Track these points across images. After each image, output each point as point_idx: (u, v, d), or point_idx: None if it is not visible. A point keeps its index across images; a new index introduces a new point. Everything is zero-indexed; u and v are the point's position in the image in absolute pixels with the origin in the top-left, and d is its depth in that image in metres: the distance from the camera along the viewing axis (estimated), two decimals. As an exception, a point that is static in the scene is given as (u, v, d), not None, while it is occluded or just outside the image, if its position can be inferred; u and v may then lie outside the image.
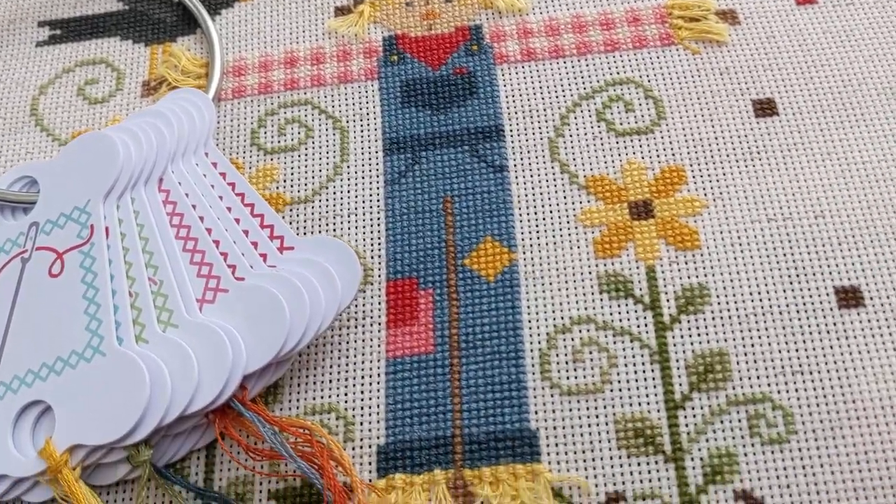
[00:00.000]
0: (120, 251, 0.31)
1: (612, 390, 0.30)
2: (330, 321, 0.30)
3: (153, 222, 0.32)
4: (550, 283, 0.32)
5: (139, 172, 0.33)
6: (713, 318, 0.30)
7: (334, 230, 0.33)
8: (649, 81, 0.35)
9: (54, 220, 0.33)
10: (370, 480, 0.29)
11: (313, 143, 0.35)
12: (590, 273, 0.32)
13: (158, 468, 0.29)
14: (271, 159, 0.35)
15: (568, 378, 0.30)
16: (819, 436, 0.28)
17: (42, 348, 0.31)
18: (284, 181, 0.35)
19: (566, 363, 0.30)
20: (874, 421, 0.28)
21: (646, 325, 0.31)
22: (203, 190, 0.33)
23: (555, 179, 0.33)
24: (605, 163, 0.34)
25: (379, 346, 0.31)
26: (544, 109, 0.35)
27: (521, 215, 0.33)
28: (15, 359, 0.31)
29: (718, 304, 0.31)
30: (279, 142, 0.36)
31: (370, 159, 0.35)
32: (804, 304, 0.30)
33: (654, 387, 0.30)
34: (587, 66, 0.36)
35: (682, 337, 0.30)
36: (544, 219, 0.33)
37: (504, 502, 0.28)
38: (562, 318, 0.31)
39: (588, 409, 0.29)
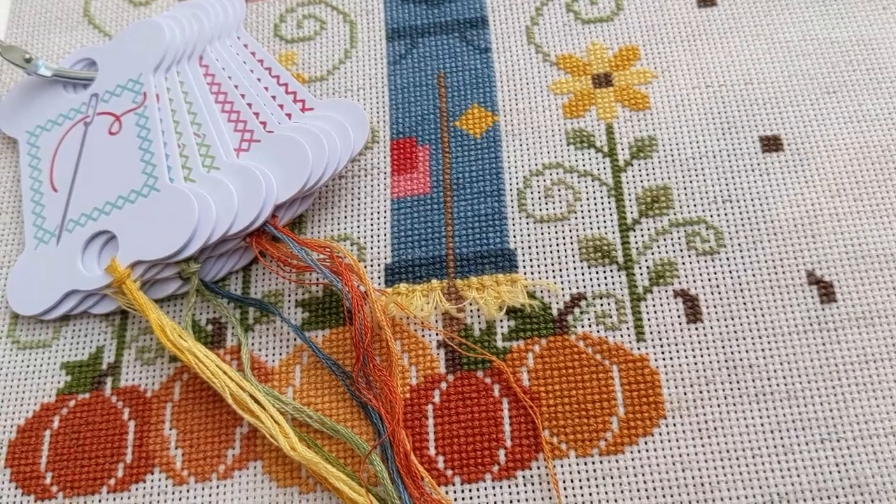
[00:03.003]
0: (169, 111, 0.38)
1: (576, 218, 0.36)
2: (345, 163, 0.36)
3: (195, 90, 0.38)
4: (526, 138, 0.38)
5: (182, 51, 0.39)
6: (659, 162, 0.37)
7: (346, 101, 0.40)
8: (610, -20, 0.42)
9: (112, 90, 0.39)
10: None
11: (327, 33, 0.42)
12: (559, 130, 0.38)
13: (205, 282, 0.36)
14: (291, 47, 0.42)
15: (541, 209, 0.37)
16: (743, 248, 0.35)
17: (105, 190, 0.37)
18: (303, 63, 0.41)
19: (539, 198, 0.37)
20: (788, 236, 0.35)
21: (604, 168, 0.37)
22: (236, 64, 0.39)
23: (530, 58, 0.40)
24: (573, 45, 0.40)
25: (385, 189, 0.38)
26: (522, 3, 0.41)
27: (502, 86, 0.39)
28: (82, 201, 0.37)
29: (664, 150, 0.37)
30: (297, 33, 0.42)
31: (375, 45, 0.41)
32: (734, 149, 0.37)
33: (611, 214, 0.36)
34: (558, -33, 0.42)
35: (633, 176, 0.37)
36: (521, 89, 0.39)
37: (488, 301, 0.35)
38: (535, 164, 0.37)
39: (557, 232, 0.36)
